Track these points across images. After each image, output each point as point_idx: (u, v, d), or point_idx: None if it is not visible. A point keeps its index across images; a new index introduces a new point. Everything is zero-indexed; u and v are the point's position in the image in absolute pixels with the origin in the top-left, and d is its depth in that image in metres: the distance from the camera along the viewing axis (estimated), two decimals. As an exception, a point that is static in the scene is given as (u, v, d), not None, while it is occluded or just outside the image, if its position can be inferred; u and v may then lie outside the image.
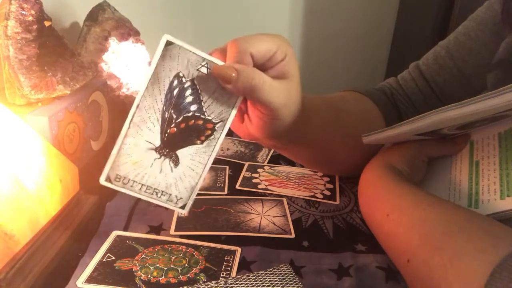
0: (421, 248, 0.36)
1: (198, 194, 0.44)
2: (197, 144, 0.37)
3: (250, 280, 0.40)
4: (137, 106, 0.35)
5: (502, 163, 0.43)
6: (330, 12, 1.62)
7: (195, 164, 0.37)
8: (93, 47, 0.72)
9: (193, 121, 0.36)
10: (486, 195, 0.42)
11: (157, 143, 0.36)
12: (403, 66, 0.67)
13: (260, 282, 0.40)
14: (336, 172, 0.63)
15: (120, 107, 0.74)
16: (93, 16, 0.74)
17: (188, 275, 0.41)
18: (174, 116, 0.36)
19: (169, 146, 0.37)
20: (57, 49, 0.61)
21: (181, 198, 0.38)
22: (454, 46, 0.59)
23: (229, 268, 0.42)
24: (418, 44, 0.64)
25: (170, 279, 0.40)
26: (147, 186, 0.37)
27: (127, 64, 0.75)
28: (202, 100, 0.36)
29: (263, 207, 0.54)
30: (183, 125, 0.36)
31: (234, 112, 0.37)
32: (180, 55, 0.34)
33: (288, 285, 0.40)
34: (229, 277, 0.41)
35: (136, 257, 0.43)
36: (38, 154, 0.43)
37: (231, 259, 0.44)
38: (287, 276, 0.41)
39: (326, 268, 0.44)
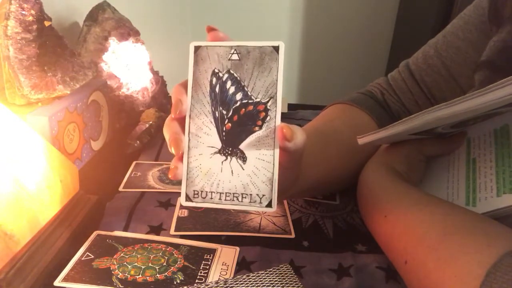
0: (418, 249, 0.36)
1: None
2: (256, 131, 0.35)
3: (250, 280, 0.40)
4: (190, 117, 0.36)
5: (498, 160, 0.43)
6: (330, 12, 1.62)
7: (263, 152, 0.35)
8: (93, 47, 0.72)
9: (243, 109, 0.35)
10: (483, 192, 0.42)
11: (219, 145, 0.36)
12: (403, 66, 0.66)
13: (260, 282, 0.40)
14: (335, 190, 0.60)
15: (120, 107, 0.74)
16: (93, 16, 0.74)
17: (166, 273, 0.41)
18: (225, 112, 0.36)
19: (231, 144, 0.36)
20: (57, 49, 0.61)
21: (263, 195, 0.35)
22: (442, 45, 0.58)
23: (207, 267, 0.42)
24: (418, 44, 0.64)
25: (147, 277, 0.40)
26: (226, 193, 0.36)
27: (127, 64, 0.75)
28: (244, 86, 0.35)
29: (263, 207, 0.54)
30: (236, 118, 0.36)
31: (280, 83, 0.35)
32: (209, 54, 0.36)
33: (288, 285, 0.40)
34: (207, 275, 0.41)
35: (114, 256, 0.43)
36: (38, 154, 0.43)
37: (211, 257, 0.44)
38: (287, 276, 0.41)
39: (326, 268, 0.44)
